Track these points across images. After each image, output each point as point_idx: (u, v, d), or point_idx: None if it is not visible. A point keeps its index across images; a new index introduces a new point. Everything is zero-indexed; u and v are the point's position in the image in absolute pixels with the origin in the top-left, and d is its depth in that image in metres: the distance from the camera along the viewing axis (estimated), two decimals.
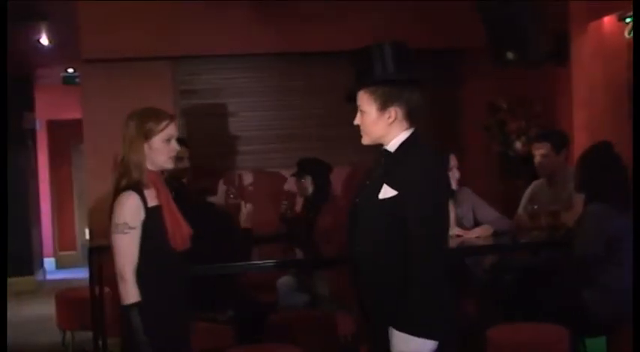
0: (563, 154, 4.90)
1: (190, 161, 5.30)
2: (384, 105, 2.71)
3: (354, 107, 2.82)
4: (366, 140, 2.80)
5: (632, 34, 5.15)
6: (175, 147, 3.13)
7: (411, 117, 2.73)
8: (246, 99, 6.59)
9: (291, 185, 6.07)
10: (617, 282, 3.90)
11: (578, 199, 4.36)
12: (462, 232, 4.62)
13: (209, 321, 4.54)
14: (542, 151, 4.88)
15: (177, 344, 3.11)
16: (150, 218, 3.03)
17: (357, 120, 2.80)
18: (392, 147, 2.74)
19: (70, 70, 9.75)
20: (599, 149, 4.27)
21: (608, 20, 5.66)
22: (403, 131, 2.73)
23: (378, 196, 2.67)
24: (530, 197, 5.01)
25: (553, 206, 4.67)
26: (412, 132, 2.74)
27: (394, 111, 2.71)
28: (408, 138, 2.73)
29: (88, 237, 6.90)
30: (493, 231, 4.62)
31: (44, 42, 8.06)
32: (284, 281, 5.42)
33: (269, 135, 6.61)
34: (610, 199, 4.01)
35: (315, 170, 5.57)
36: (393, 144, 2.74)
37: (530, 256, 4.89)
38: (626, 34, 5.40)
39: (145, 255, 3.02)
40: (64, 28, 7.38)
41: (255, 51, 6.44)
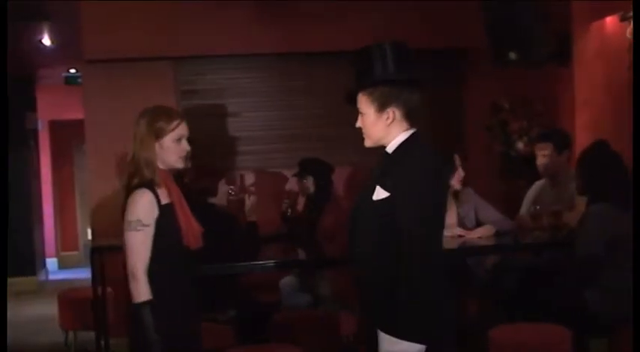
0: (566, 154, 4.89)
1: (192, 161, 5.29)
2: (381, 106, 2.70)
3: (356, 107, 2.82)
4: (368, 142, 2.79)
5: (632, 34, 5.14)
6: (186, 147, 3.11)
7: (410, 117, 2.72)
8: (247, 99, 6.59)
9: (292, 185, 6.07)
10: (620, 282, 3.89)
11: (580, 199, 4.36)
12: (463, 232, 4.62)
13: (210, 321, 4.54)
14: (545, 151, 4.88)
15: (188, 343, 3.09)
16: (163, 215, 2.99)
17: (359, 123, 2.80)
18: (390, 149, 2.73)
19: (72, 70, 9.76)
20: (597, 149, 4.26)
21: (611, 20, 5.65)
22: (402, 132, 2.72)
23: (372, 197, 2.66)
24: (532, 197, 5.00)
25: (555, 206, 4.66)
26: (412, 133, 2.73)
27: (392, 112, 2.70)
28: (407, 139, 2.71)
29: (90, 237, 6.91)
30: (495, 231, 4.62)
31: (46, 42, 8.07)
32: (287, 282, 5.43)
33: (271, 135, 6.61)
34: (612, 199, 4.00)
35: (316, 170, 5.57)
36: (392, 145, 2.73)
37: (532, 256, 4.89)
38: (627, 35, 5.39)
39: (159, 253, 2.99)
40: (66, 29, 7.39)
41: (257, 51, 6.44)
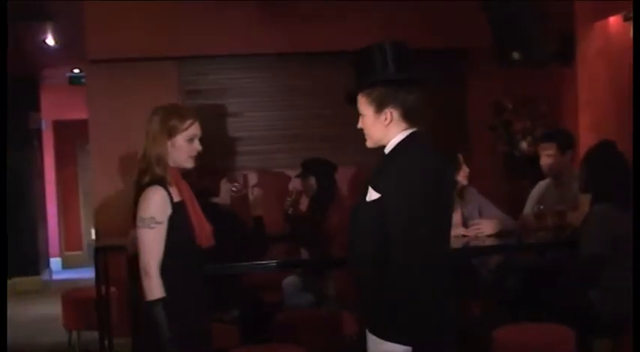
0: (569, 154, 4.89)
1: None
2: (379, 107, 2.70)
3: (357, 107, 2.82)
4: (369, 143, 2.79)
5: (632, 33, 5.13)
6: (197, 147, 3.11)
7: (408, 117, 2.71)
8: (250, 99, 6.60)
9: (295, 185, 6.07)
10: (623, 283, 3.89)
11: (584, 199, 4.35)
12: (467, 232, 4.61)
13: (214, 321, 4.54)
14: (548, 151, 4.87)
15: (200, 341, 3.09)
16: (176, 213, 2.99)
17: (360, 124, 2.80)
18: (388, 149, 2.73)
19: (75, 70, 9.77)
20: (602, 148, 4.25)
21: (614, 20, 5.64)
22: (400, 132, 2.71)
23: (366, 199, 2.66)
24: (535, 197, 5.00)
25: (559, 206, 4.66)
26: (409, 133, 2.71)
27: (390, 113, 2.69)
28: (404, 139, 2.70)
29: (94, 237, 6.91)
30: (500, 229, 4.59)
31: (50, 42, 8.09)
32: (290, 281, 5.43)
33: (274, 135, 6.61)
34: (615, 199, 4.00)
35: (319, 170, 5.57)
36: (390, 145, 2.72)
37: (535, 256, 4.88)
38: (630, 35, 5.39)
39: (172, 251, 2.98)
40: (69, 29, 7.40)
41: (259, 51, 6.44)
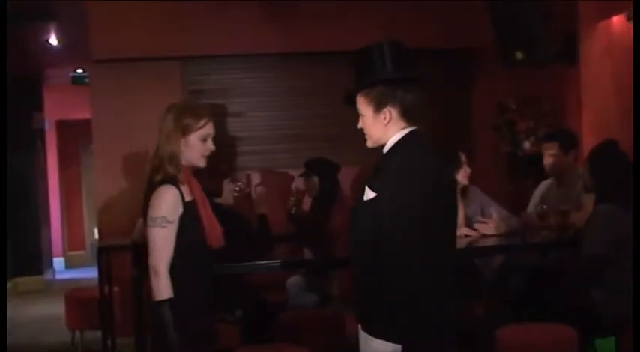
0: (572, 154, 4.88)
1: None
2: (378, 106, 2.70)
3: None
4: (369, 143, 2.79)
5: (633, 33, 5.12)
6: (211, 146, 3.08)
7: (407, 116, 2.70)
8: (253, 99, 6.60)
9: (298, 185, 6.07)
10: (626, 283, 3.88)
11: (587, 199, 4.34)
12: (470, 232, 4.61)
13: (217, 321, 4.54)
14: (551, 151, 4.86)
15: (207, 341, 3.08)
16: (187, 213, 2.96)
17: (360, 124, 2.80)
18: (386, 148, 2.73)
19: (79, 70, 9.78)
20: (606, 148, 4.24)
21: (617, 20, 5.63)
22: (400, 131, 2.71)
23: (364, 198, 2.65)
24: (539, 197, 4.99)
25: (562, 206, 4.65)
26: (408, 131, 2.70)
27: (389, 112, 2.69)
28: (402, 138, 2.70)
29: (97, 237, 6.92)
30: (506, 229, 4.59)
31: (53, 42, 8.10)
32: (293, 281, 5.43)
33: (276, 135, 6.61)
34: (620, 199, 3.99)
35: (322, 170, 5.56)
36: (388, 144, 2.72)
37: (539, 256, 4.88)
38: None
39: (182, 250, 2.95)
40: (73, 29, 7.41)
41: (262, 51, 6.45)
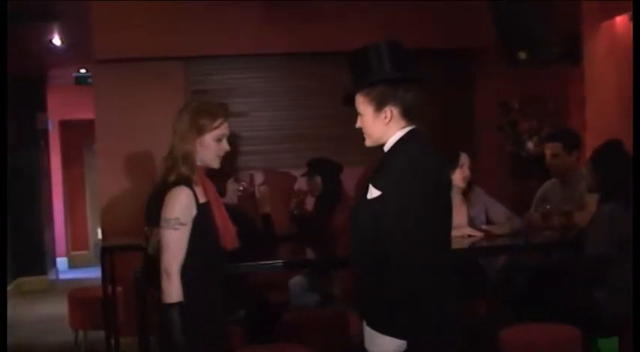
0: (575, 154, 4.87)
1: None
2: (379, 105, 2.73)
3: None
4: (368, 142, 2.82)
5: (633, 33, 5.11)
6: (225, 146, 3.03)
7: (407, 115, 2.73)
8: (256, 99, 6.60)
9: (301, 185, 6.07)
10: (629, 282, 3.87)
11: (591, 199, 4.34)
12: (473, 232, 4.60)
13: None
14: (554, 151, 4.86)
15: (217, 343, 3.04)
16: (201, 215, 2.93)
17: (358, 124, 2.82)
18: (387, 147, 2.76)
19: (82, 70, 9.79)
20: (609, 148, 4.23)
21: (621, 20, 5.63)
22: (400, 130, 2.73)
23: (367, 196, 2.68)
24: (542, 197, 4.99)
25: (565, 206, 4.65)
26: (407, 130, 2.73)
27: (390, 111, 2.72)
28: (403, 137, 2.72)
29: (100, 237, 6.93)
30: (510, 230, 4.58)
31: (56, 42, 8.11)
32: (296, 281, 5.43)
33: (279, 135, 6.61)
34: (623, 198, 3.98)
35: (325, 170, 5.56)
36: (389, 143, 2.75)
37: (542, 256, 4.87)
38: None
39: (195, 253, 2.91)
40: (76, 29, 7.41)
41: (265, 51, 6.44)
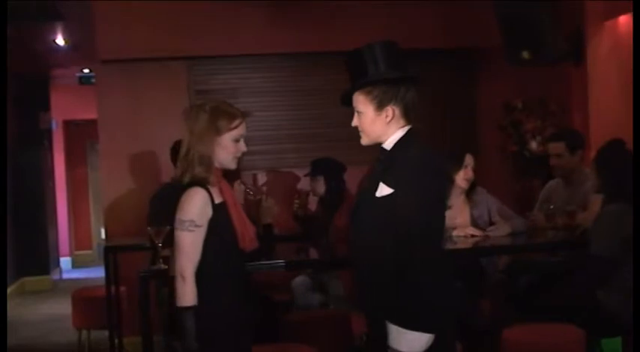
0: (579, 154, 4.86)
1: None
2: (380, 104, 2.76)
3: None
4: (365, 140, 2.85)
5: (633, 33, 5.11)
6: (243, 147, 2.97)
7: (406, 115, 2.77)
8: (260, 98, 6.59)
9: (304, 185, 6.07)
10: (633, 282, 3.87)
11: (595, 199, 4.33)
12: (476, 232, 4.60)
13: None
14: (557, 151, 4.85)
15: (240, 348, 2.97)
16: (217, 216, 2.87)
17: (355, 122, 2.85)
18: (388, 146, 2.79)
19: (85, 70, 9.82)
20: (614, 147, 4.23)
21: (624, 19, 5.62)
22: (399, 129, 2.78)
23: (375, 194, 2.71)
24: (545, 197, 4.98)
25: (569, 206, 4.64)
26: (407, 130, 2.78)
27: (391, 110, 2.75)
28: (404, 136, 2.77)
29: (103, 237, 6.94)
30: (511, 230, 4.58)
31: (60, 42, 8.13)
32: (299, 281, 5.43)
33: (283, 134, 6.61)
34: (627, 198, 3.97)
35: (328, 170, 5.56)
36: (390, 142, 2.78)
37: (545, 256, 4.87)
38: None
39: (211, 255, 2.86)
40: (80, 29, 7.44)
41: (269, 51, 6.45)
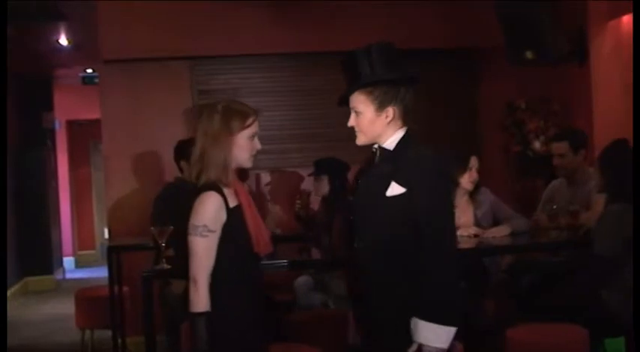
0: (582, 154, 4.85)
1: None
2: (381, 105, 2.78)
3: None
4: (362, 140, 2.86)
5: (633, 33, 5.10)
6: (258, 145, 2.91)
7: (405, 116, 2.81)
8: (262, 98, 6.59)
9: (308, 184, 6.07)
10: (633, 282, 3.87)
11: (598, 199, 4.33)
12: (479, 232, 4.60)
13: None
14: (560, 151, 4.85)
15: None
16: (231, 220, 2.80)
17: (352, 122, 2.86)
18: (390, 146, 2.81)
19: (89, 70, 9.83)
20: (617, 147, 4.22)
21: (627, 19, 5.62)
22: (398, 129, 2.80)
23: (386, 194, 2.72)
24: (549, 197, 4.98)
25: (572, 206, 4.64)
26: (406, 130, 2.81)
27: (392, 111, 2.78)
28: (404, 137, 2.80)
29: (106, 237, 6.94)
30: (511, 231, 4.60)
31: (63, 42, 8.14)
32: (301, 281, 5.43)
33: (286, 134, 6.61)
34: (631, 198, 3.97)
35: (331, 169, 5.55)
36: (391, 142, 2.80)
37: (548, 256, 4.86)
38: None
39: (225, 261, 2.80)
40: (83, 29, 7.45)
41: (272, 51, 6.45)
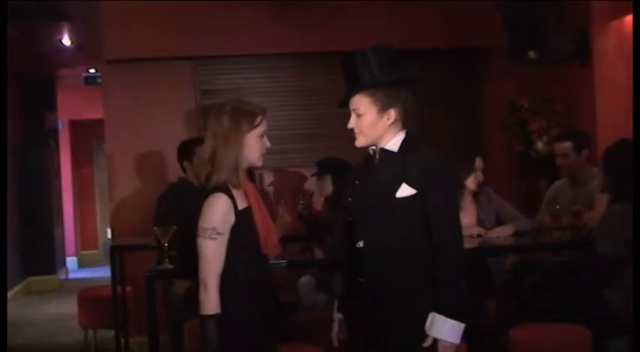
0: (585, 154, 4.85)
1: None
2: (384, 107, 2.79)
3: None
4: (362, 141, 2.86)
5: (633, 33, 5.10)
6: (267, 143, 2.91)
7: (405, 118, 2.84)
8: (266, 98, 6.58)
9: (311, 184, 6.07)
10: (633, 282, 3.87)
11: (601, 199, 4.33)
12: (482, 232, 4.60)
13: None
14: (564, 151, 4.84)
15: None
16: (240, 222, 2.79)
17: (352, 124, 2.86)
18: (393, 147, 2.83)
19: (91, 70, 9.82)
20: (620, 147, 4.22)
21: (630, 19, 5.61)
22: (399, 131, 2.83)
23: (396, 195, 2.75)
24: (552, 197, 4.98)
25: (575, 206, 4.64)
26: (406, 132, 2.85)
27: (393, 113, 2.80)
28: (406, 139, 2.83)
29: (109, 236, 6.95)
30: (514, 231, 4.60)
31: (66, 42, 8.14)
32: (305, 281, 5.43)
33: (289, 134, 6.60)
34: (634, 198, 3.96)
35: (334, 169, 5.55)
36: (393, 144, 2.83)
37: (551, 256, 4.86)
38: None
39: (234, 263, 2.79)
40: (86, 29, 7.44)
41: (274, 51, 6.45)
